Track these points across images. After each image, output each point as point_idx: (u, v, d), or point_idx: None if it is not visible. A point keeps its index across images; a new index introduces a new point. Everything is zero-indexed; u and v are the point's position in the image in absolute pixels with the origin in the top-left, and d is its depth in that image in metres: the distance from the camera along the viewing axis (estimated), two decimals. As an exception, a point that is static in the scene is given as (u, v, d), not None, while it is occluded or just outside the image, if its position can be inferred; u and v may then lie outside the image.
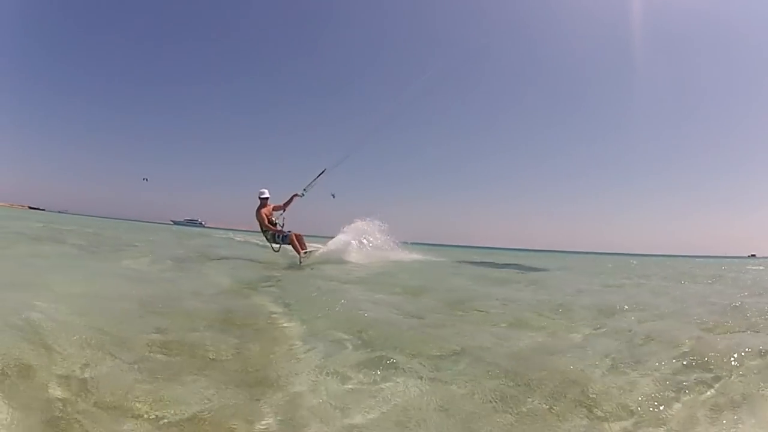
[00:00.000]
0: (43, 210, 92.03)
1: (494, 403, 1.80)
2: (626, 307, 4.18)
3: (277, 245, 8.24)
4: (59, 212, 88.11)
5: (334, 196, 9.14)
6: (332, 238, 8.98)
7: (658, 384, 2.04)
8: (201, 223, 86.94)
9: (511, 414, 1.72)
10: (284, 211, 8.37)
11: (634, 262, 18.78)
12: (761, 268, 15.61)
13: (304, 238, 8.21)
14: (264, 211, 8.13)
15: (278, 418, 1.62)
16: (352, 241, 8.80)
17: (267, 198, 8.20)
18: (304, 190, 8.49)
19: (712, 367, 2.28)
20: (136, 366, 1.97)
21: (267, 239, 8.41)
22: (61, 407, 1.53)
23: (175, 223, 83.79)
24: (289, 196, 8.39)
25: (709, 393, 1.98)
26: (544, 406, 1.78)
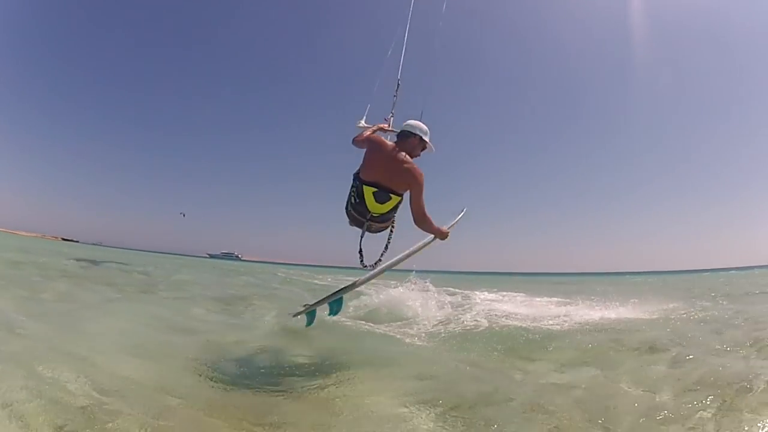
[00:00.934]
0: (77, 242, 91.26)
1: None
2: None
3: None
4: (94, 244, 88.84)
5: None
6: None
7: None
8: (237, 257, 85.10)
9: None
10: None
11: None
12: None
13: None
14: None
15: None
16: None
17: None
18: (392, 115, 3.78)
19: None
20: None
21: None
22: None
23: (211, 256, 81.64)
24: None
25: None
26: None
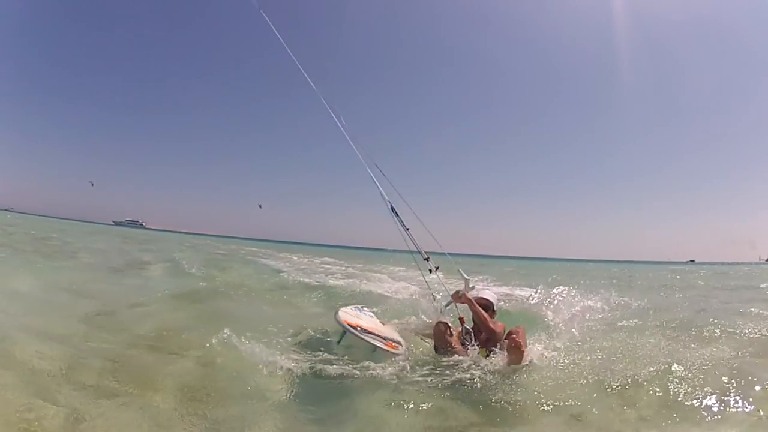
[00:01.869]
0: None
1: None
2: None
3: None
4: (5, 210, 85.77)
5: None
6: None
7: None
8: (142, 224, 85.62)
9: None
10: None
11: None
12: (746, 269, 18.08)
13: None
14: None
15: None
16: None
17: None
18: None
19: None
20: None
21: None
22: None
23: (116, 223, 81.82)
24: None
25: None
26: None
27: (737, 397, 2.38)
